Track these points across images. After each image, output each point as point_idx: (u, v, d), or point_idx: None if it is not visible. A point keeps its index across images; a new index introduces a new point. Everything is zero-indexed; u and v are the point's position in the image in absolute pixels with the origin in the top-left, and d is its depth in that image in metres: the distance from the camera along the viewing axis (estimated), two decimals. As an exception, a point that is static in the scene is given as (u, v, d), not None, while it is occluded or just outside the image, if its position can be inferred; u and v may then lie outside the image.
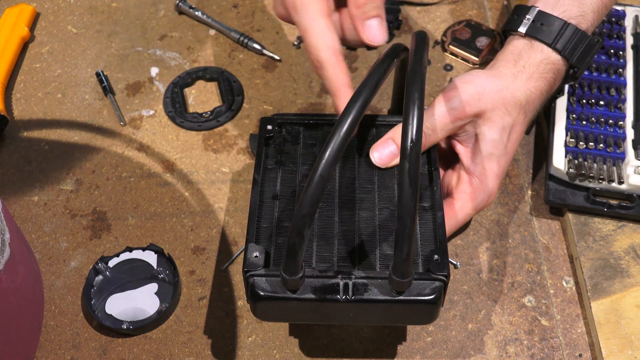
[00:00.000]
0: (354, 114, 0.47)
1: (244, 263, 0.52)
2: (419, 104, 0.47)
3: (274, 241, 0.55)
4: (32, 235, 0.68)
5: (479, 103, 0.59)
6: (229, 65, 0.79)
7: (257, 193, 0.57)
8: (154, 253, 0.65)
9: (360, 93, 0.48)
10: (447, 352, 0.60)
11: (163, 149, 0.73)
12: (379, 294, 0.50)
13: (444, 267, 0.51)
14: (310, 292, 0.50)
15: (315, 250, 0.54)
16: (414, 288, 0.51)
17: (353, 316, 0.52)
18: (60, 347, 0.62)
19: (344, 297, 0.50)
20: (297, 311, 0.52)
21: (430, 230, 0.55)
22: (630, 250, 0.64)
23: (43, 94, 0.78)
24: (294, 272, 0.49)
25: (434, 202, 0.57)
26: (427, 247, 0.54)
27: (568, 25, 0.62)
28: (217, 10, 0.83)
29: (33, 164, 0.72)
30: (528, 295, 0.63)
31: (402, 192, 0.45)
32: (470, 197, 0.61)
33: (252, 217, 0.55)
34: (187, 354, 0.61)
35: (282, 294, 0.50)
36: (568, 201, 0.65)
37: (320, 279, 0.51)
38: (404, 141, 0.46)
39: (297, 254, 0.47)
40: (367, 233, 0.55)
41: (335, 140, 0.46)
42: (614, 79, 0.70)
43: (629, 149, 0.66)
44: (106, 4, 0.85)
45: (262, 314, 0.52)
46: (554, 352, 0.60)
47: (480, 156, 0.60)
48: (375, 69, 0.50)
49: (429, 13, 0.82)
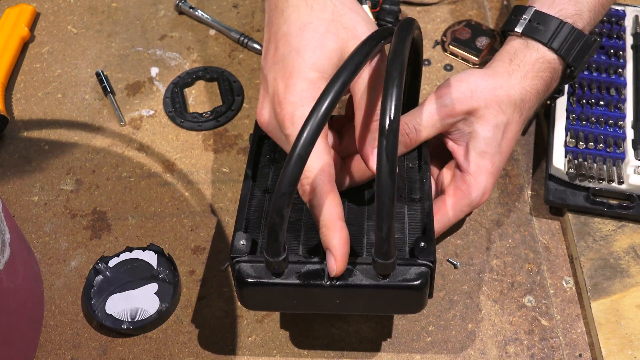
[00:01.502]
0: (333, 95, 0.46)
1: (231, 249, 0.52)
2: (398, 82, 0.47)
3: (262, 232, 0.55)
4: (32, 235, 0.68)
5: (471, 101, 0.59)
6: (229, 65, 0.79)
7: (248, 186, 0.58)
8: (154, 253, 0.65)
9: (340, 74, 0.48)
10: (447, 352, 0.60)
11: (163, 149, 0.73)
12: (363, 279, 0.51)
13: (429, 253, 0.51)
14: (294, 277, 0.51)
15: (303, 240, 0.55)
16: (399, 273, 0.51)
17: (339, 303, 0.52)
18: (60, 347, 0.62)
19: (328, 282, 0.51)
20: (283, 298, 0.52)
21: (419, 220, 0.55)
22: (630, 250, 0.64)
23: (43, 94, 0.78)
24: (277, 252, 0.49)
25: (423, 195, 0.57)
26: (414, 236, 0.54)
27: (564, 24, 0.63)
28: (217, 10, 0.83)
29: (33, 164, 0.72)
30: (528, 295, 0.63)
31: (380, 169, 0.45)
32: (462, 195, 0.61)
33: (241, 208, 0.56)
34: (187, 354, 0.61)
35: (266, 279, 0.51)
36: (568, 201, 0.65)
37: (304, 264, 0.51)
38: (382, 119, 0.45)
39: (278, 234, 0.47)
40: (356, 222, 0.56)
41: (314, 120, 0.46)
42: (614, 79, 0.70)
43: (629, 149, 0.66)
44: (106, 4, 0.85)
45: (248, 301, 0.53)
46: (553, 352, 0.60)
47: (474, 154, 0.60)
48: (358, 51, 0.50)
49: (429, 13, 0.82)
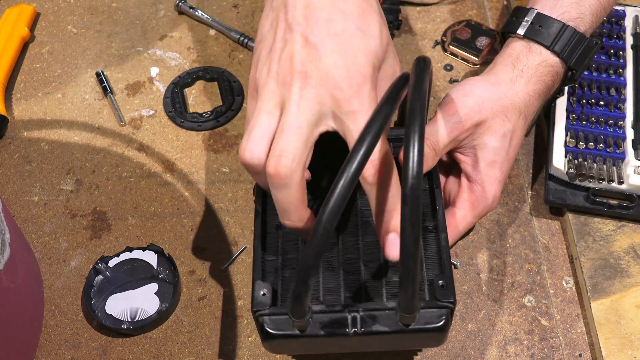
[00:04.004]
0: (356, 165, 0.44)
1: (252, 302, 0.51)
2: (419, 145, 0.44)
3: (280, 275, 0.54)
4: (32, 235, 0.68)
5: (479, 115, 0.59)
6: (229, 65, 0.79)
7: (259, 225, 0.56)
8: (154, 253, 0.65)
9: (363, 140, 0.45)
10: (447, 352, 0.60)
11: (163, 149, 0.73)
12: (387, 326, 0.50)
13: (450, 294, 0.51)
14: (319, 329, 0.50)
15: (322, 282, 0.54)
16: (422, 318, 0.50)
17: (361, 347, 0.52)
18: (60, 347, 0.62)
19: (353, 331, 0.50)
20: (308, 346, 0.52)
21: (435, 252, 0.54)
22: (630, 250, 0.64)
23: (43, 94, 0.78)
24: (301, 316, 0.48)
25: (437, 223, 0.56)
26: (431, 270, 0.53)
27: (566, 28, 0.62)
28: (217, 10, 0.83)
29: (33, 164, 0.72)
30: (528, 295, 0.63)
31: (404, 238, 0.44)
32: (472, 206, 0.60)
33: (256, 252, 0.55)
34: (187, 354, 0.61)
35: (291, 332, 0.50)
36: (568, 201, 0.65)
37: (328, 314, 0.50)
38: (404, 187, 0.44)
39: (303, 301, 0.47)
40: (372, 260, 0.55)
41: (340, 191, 0.44)
42: (614, 79, 0.70)
43: (628, 149, 0.66)
44: (106, 4, 0.85)
45: (274, 349, 0.53)
46: (553, 352, 0.60)
47: (483, 164, 0.60)
48: (378, 113, 0.47)
49: (429, 13, 0.82)
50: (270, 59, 0.51)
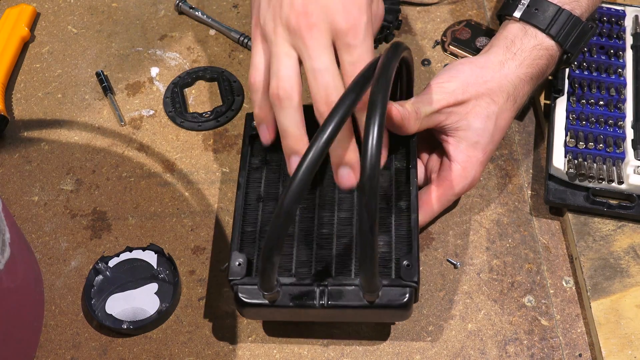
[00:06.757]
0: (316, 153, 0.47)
1: (228, 271, 0.55)
2: (378, 135, 0.46)
3: (257, 246, 0.57)
4: (32, 235, 0.68)
5: (462, 95, 0.60)
6: (229, 65, 0.79)
7: (241, 197, 0.59)
8: (154, 253, 0.65)
9: (325, 127, 0.47)
10: (447, 352, 0.60)
11: (163, 149, 0.73)
12: (352, 301, 0.53)
13: (414, 274, 0.54)
14: (288, 300, 0.54)
15: (295, 254, 0.56)
16: (385, 295, 0.53)
17: (330, 317, 0.56)
18: (60, 347, 0.62)
19: (320, 304, 0.53)
20: (279, 314, 0.55)
21: (405, 233, 0.57)
22: (630, 250, 0.64)
23: (43, 94, 0.78)
24: (269, 289, 0.52)
25: (410, 204, 0.58)
26: (400, 249, 0.56)
27: (562, 11, 0.63)
28: (217, 10, 0.83)
29: (33, 164, 0.72)
30: (528, 295, 0.63)
31: (362, 224, 0.47)
32: (449, 185, 0.61)
33: (236, 223, 0.58)
34: (187, 354, 0.61)
35: (262, 301, 0.54)
36: (568, 201, 0.65)
37: (297, 287, 0.54)
38: (362, 176, 0.46)
39: (269, 276, 0.50)
40: (345, 235, 0.57)
41: (302, 175, 0.46)
42: (614, 79, 0.70)
43: (628, 149, 0.66)
44: (106, 4, 0.85)
45: (248, 315, 0.57)
46: (553, 352, 0.60)
47: (465, 144, 0.61)
48: (348, 94, 0.50)
49: (429, 13, 0.82)
50: (272, 5, 0.55)
